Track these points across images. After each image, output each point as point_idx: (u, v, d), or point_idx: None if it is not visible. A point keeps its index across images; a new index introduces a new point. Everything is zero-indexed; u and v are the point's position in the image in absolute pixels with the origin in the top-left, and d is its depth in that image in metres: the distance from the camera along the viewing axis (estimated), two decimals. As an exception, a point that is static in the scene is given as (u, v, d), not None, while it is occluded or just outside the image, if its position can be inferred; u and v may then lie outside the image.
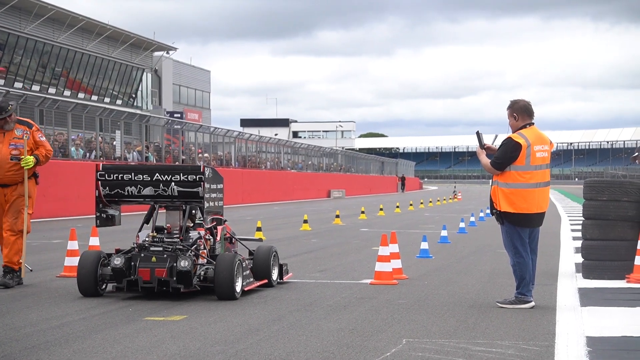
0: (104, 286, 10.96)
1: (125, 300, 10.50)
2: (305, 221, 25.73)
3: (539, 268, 14.03)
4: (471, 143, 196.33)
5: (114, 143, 38.81)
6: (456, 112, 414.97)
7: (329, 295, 11.01)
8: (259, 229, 21.27)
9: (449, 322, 9.03)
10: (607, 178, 13.27)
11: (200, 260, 10.91)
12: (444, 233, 20.09)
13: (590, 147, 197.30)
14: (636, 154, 16.51)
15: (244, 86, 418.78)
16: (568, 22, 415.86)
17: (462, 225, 24.30)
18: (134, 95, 69.08)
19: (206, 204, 11.02)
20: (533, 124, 10.08)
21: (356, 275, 13.23)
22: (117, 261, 10.68)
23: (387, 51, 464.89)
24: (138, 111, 55.01)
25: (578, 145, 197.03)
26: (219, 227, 11.60)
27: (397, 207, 42.04)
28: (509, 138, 9.93)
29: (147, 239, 11.04)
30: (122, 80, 66.40)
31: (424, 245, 16.30)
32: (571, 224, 28.24)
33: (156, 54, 76.30)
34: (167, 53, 77.33)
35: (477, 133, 10.46)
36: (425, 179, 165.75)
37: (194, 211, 11.51)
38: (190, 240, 11.05)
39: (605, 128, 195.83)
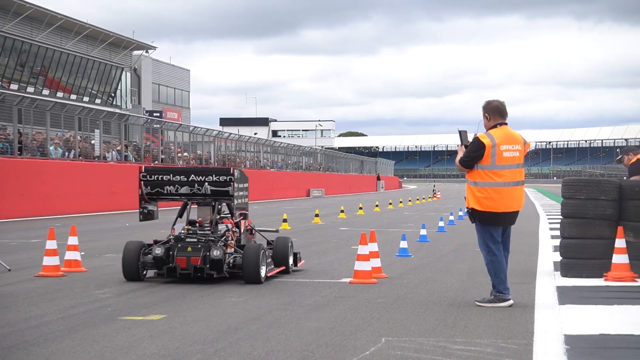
0: (144, 272, 12.34)
1: (104, 300, 10.48)
2: (285, 220, 25.73)
3: (518, 266, 14.10)
4: (450, 142, 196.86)
5: (93, 142, 38.65)
6: (438, 111, 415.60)
7: (308, 294, 11.02)
8: (238, 228, 21.23)
9: (428, 321, 9.05)
10: (585, 177, 13.33)
11: (229, 250, 12.30)
12: (423, 232, 20.13)
13: (569, 146, 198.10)
14: (620, 156, 16.58)
15: (226, 85, 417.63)
16: (552, 21, 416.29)
17: (441, 224, 24.36)
18: (113, 94, 68.83)
19: (235, 201, 12.69)
20: (505, 124, 10.13)
21: (335, 274, 13.24)
22: (158, 251, 12.10)
23: (371, 50, 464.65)
24: (117, 110, 54.84)
25: (557, 144, 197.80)
26: (242, 221, 13.13)
27: (377, 206, 42.09)
28: (476, 137, 10.08)
29: (182, 232, 12.48)
30: (101, 79, 66.15)
31: (403, 244, 16.32)
32: (550, 223, 28.35)
33: (135, 52, 76.09)
34: (147, 52, 77.14)
35: (460, 131, 10.46)
36: (405, 178, 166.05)
37: (219, 206, 12.89)
38: (220, 232, 12.50)
39: (584, 127, 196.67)
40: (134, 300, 10.46)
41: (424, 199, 59.70)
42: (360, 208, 37.89)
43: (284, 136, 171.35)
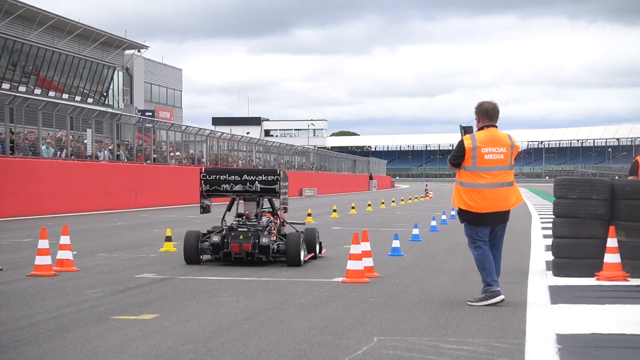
0: (201, 257, 14.43)
1: (96, 299, 10.47)
2: (277, 220, 25.69)
3: (510, 266, 14.12)
4: (442, 141, 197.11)
5: (85, 141, 38.59)
6: (430, 111, 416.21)
7: (300, 294, 11.02)
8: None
9: (421, 320, 9.05)
10: (577, 176, 13.37)
11: (272, 238, 14.35)
12: (415, 231, 20.14)
13: (561, 146, 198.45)
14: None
15: (219, 84, 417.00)
16: (545, 21, 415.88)
17: (433, 223, 24.38)
18: (105, 94, 68.75)
19: (281, 197, 14.98)
20: (494, 126, 10.29)
21: (328, 274, 13.24)
22: (216, 238, 14.23)
23: (363, 49, 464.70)
24: (109, 109, 54.78)
25: (549, 144, 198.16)
26: (281, 213, 15.36)
27: (369, 205, 42.09)
28: (461, 139, 10.30)
29: (234, 223, 14.68)
30: (94, 79, 66.07)
31: (396, 244, 16.33)
32: (542, 222, 28.39)
33: (127, 52, 76.01)
34: (139, 51, 77.07)
35: (463, 127, 10.52)
36: (397, 178, 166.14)
37: (262, 201, 15.19)
38: (264, 223, 14.67)
39: (576, 127, 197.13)
40: (126, 299, 10.44)
41: (416, 198, 59.73)
42: (353, 207, 37.88)
43: (277, 135, 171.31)
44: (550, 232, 13.76)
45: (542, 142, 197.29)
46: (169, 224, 24.70)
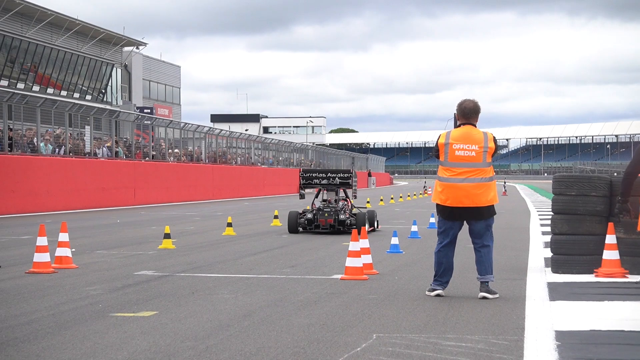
0: (299, 229, 21.03)
1: (95, 296, 10.47)
2: (276, 217, 25.70)
3: (509, 262, 14.12)
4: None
5: (84, 138, 38.58)
6: (429, 108, 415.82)
7: (299, 291, 11.02)
8: (229, 225, 21.23)
9: (419, 317, 9.05)
10: (576, 173, 13.33)
11: (346, 216, 20.87)
12: (414, 228, 20.14)
13: (560, 142, 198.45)
14: None
15: (218, 81, 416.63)
16: (544, 17, 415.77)
17: (432, 220, 24.38)
18: (103, 91, 68.72)
19: (353, 188, 21.71)
20: (470, 124, 10.56)
21: (327, 271, 13.24)
22: (310, 215, 21.03)
23: (362, 46, 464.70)
24: (108, 106, 54.72)
25: (547, 140, 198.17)
26: (349, 200, 21.96)
27: (368, 202, 42.09)
28: (439, 134, 10.77)
29: (321, 205, 21.41)
30: (92, 76, 66.03)
31: (395, 241, 16.33)
32: (540, 219, 28.39)
33: (126, 49, 76.01)
34: (137, 48, 77.08)
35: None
36: (396, 175, 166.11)
37: (339, 191, 21.76)
38: (340, 206, 21.30)
39: (575, 123, 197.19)
40: (125, 296, 10.44)
41: (415, 195, 59.73)
42: (351, 204, 37.81)
43: (275, 132, 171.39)
44: (549, 228, 13.75)
45: (540, 138, 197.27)
46: (168, 221, 24.70)
